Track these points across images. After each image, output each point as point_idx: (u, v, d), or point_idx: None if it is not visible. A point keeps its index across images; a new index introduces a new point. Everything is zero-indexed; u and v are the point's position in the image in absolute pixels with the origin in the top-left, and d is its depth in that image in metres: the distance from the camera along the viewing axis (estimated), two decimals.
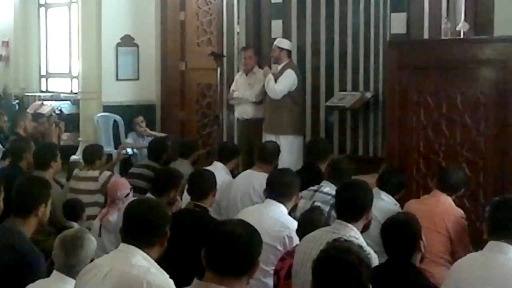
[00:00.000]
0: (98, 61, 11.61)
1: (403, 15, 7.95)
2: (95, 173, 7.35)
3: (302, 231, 4.80)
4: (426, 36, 7.86)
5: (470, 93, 6.55)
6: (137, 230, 3.64)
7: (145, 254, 3.60)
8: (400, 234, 4.29)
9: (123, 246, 3.65)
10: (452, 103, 6.66)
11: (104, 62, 11.59)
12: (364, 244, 4.10)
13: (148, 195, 5.96)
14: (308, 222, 4.90)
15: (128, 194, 6.20)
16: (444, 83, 6.73)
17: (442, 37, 7.67)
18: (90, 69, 11.76)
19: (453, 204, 5.68)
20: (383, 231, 4.39)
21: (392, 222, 4.43)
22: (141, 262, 3.56)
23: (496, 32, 7.00)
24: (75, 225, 6.00)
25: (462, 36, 7.16)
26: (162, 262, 3.69)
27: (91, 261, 3.87)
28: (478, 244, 4.53)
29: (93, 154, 7.61)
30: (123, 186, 6.28)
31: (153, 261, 3.61)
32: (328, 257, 3.05)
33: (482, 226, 4.42)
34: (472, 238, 5.54)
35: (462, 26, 7.18)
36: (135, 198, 5.77)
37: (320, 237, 4.29)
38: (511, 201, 4.32)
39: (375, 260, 4.19)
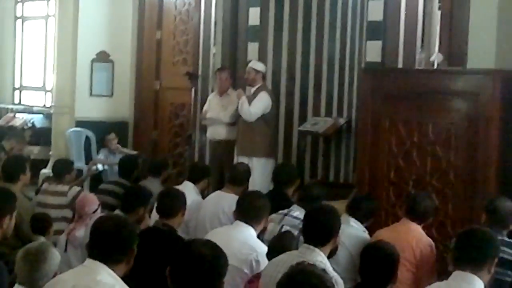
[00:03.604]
0: (73, 75, 11.59)
1: (378, 44, 8.01)
2: (64, 188, 7.31)
3: (272, 256, 4.79)
4: (400, 65, 7.93)
5: (442, 124, 6.61)
6: (103, 246, 3.60)
7: (110, 271, 3.56)
8: (381, 262, 4.32)
9: (88, 261, 3.61)
10: (423, 133, 6.71)
11: (78, 77, 11.56)
12: (330, 268, 4.11)
13: (117, 212, 5.93)
14: (279, 247, 4.89)
15: (96, 210, 6.17)
16: (416, 113, 6.78)
17: (416, 67, 7.74)
18: (64, 84, 11.73)
19: (423, 232, 5.70)
20: (363, 255, 4.41)
21: (375, 249, 4.46)
22: (107, 279, 3.52)
23: (469, 64, 7.05)
24: (42, 239, 5.94)
25: (435, 66, 7.22)
26: (127, 279, 3.66)
27: (55, 275, 3.84)
28: (445, 274, 4.54)
29: (63, 169, 7.57)
30: (91, 202, 6.25)
31: (118, 278, 3.58)
32: (291, 280, 3.05)
33: (449, 256, 4.44)
34: (439, 268, 5.56)
35: (436, 57, 7.25)
36: (103, 214, 5.73)
37: (286, 261, 4.28)
38: (477, 232, 4.34)
39: (340, 286, 4.19)
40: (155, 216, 5.88)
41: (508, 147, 6.44)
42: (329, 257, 4.52)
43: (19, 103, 14.19)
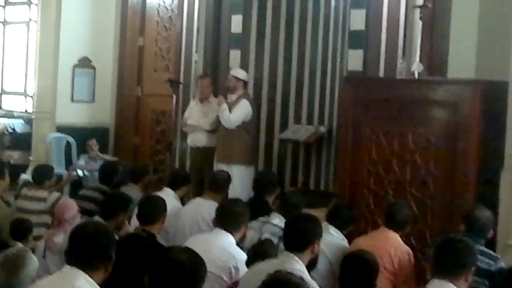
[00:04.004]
0: (54, 81, 11.54)
1: (360, 52, 8.05)
2: (44, 193, 7.28)
3: (252, 263, 4.79)
4: (381, 74, 7.97)
5: (422, 133, 6.63)
6: (81, 253, 3.60)
7: (88, 278, 3.56)
8: (361, 271, 4.34)
9: (66, 268, 3.61)
10: (403, 142, 6.74)
11: (60, 82, 11.52)
12: (307, 277, 4.12)
13: (97, 218, 5.91)
14: (258, 254, 4.90)
15: (75, 216, 6.15)
16: (396, 122, 6.81)
17: (397, 76, 7.78)
18: (45, 89, 11.69)
19: (401, 240, 5.72)
20: (343, 264, 4.43)
21: (355, 258, 4.48)
22: (85, 285, 3.52)
23: (449, 74, 7.10)
24: (20, 245, 5.91)
25: (416, 76, 7.26)
26: (106, 286, 3.66)
27: (33, 282, 3.83)
28: (423, 282, 4.56)
29: (42, 174, 7.55)
30: (70, 208, 6.23)
31: (96, 285, 3.58)
32: (269, 287, 3.06)
33: (427, 264, 4.46)
34: (417, 276, 5.58)
35: (417, 67, 7.28)
36: (82, 220, 5.72)
37: (266, 269, 4.27)
38: (455, 241, 4.36)
39: None
40: (135, 222, 5.88)
41: (487, 157, 6.48)
42: (310, 269, 4.52)
43: (0, 108, 14.12)
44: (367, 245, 5.34)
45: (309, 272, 4.51)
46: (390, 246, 5.56)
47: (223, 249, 5.12)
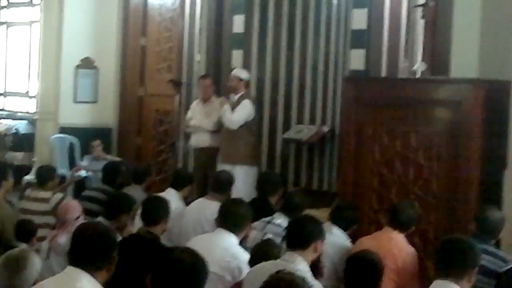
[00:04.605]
0: (57, 82, 11.55)
1: (362, 52, 8.05)
2: (47, 194, 7.29)
3: (254, 263, 4.80)
4: (383, 73, 7.97)
5: (424, 132, 6.62)
6: (84, 253, 3.61)
7: (91, 278, 3.56)
8: (366, 272, 4.35)
9: (69, 269, 3.61)
10: (406, 141, 6.73)
11: (63, 83, 11.52)
12: (310, 277, 4.11)
13: (100, 218, 5.91)
14: (261, 254, 4.89)
15: (78, 217, 6.14)
16: (399, 121, 6.80)
17: (399, 76, 7.77)
18: (48, 90, 11.69)
19: (405, 241, 5.70)
20: (349, 264, 4.43)
21: (360, 259, 4.48)
22: (87, 286, 3.53)
23: (452, 73, 7.08)
24: (24, 246, 5.91)
25: (418, 75, 7.25)
26: (108, 287, 3.66)
27: (36, 282, 3.83)
28: (426, 283, 4.55)
29: (45, 175, 7.55)
30: (73, 209, 6.22)
31: (99, 286, 3.58)
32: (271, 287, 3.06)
33: (430, 264, 4.46)
34: (421, 276, 5.57)
35: (419, 66, 7.27)
36: (86, 221, 5.72)
37: (268, 269, 4.27)
38: (459, 241, 4.36)
39: None
40: (138, 223, 5.88)
41: (490, 156, 6.47)
42: (313, 271, 4.53)
43: (3, 109, 14.13)
44: (370, 245, 5.33)
45: (314, 274, 4.52)
46: (394, 247, 5.54)
47: (226, 250, 5.12)
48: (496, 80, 6.62)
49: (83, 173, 10.60)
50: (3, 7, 14.12)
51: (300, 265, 4.35)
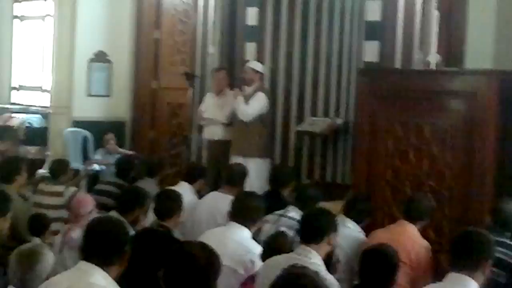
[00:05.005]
0: (70, 75, 11.56)
1: (376, 44, 8.02)
2: (61, 188, 7.29)
3: (267, 256, 4.79)
4: (398, 65, 7.93)
5: (439, 124, 6.59)
6: (96, 248, 3.59)
7: (104, 273, 3.55)
8: (382, 266, 4.34)
9: (82, 263, 3.60)
10: (420, 133, 6.69)
11: (76, 77, 11.53)
12: (324, 270, 4.10)
13: (113, 212, 5.91)
14: (274, 248, 4.89)
15: (91, 211, 6.14)
16: (413, 113, 6.76)
17: (414, 68, 7.73)
18: (62, 84, 11.70)
19: (419, 234, 5.67)
20: (364, 258, 4.42)
21: (375, 251, 4.47)
22: (100, 281, 3.51)
23: (467, 64, 7.05)
24: (37, 240, 5.92)
25: (433, 67, 7.21)
26: (121, 281, 3.65)
27: (48, 277, 3.83)
28: (440, 275, 4.53)
29: (59, 169, 7.56)
30: (86, 203, 6.23)
31: (112, 280, 3.57)
32: (284, 282, 3.04)
33: (444, 257, 4.43)
34: (435, 269, 5.55)
35: (434, 57, 7.23)
36: (99, 215, 5.71)
37: (281, 262, 4.27)
38: (473, 234, 4.33)
39: (334, 287, 4.19)
40: (151, 217, 5.87)
41: (505, 148, 6.43)
42: (327, 265, 4.52)
43: (17, 103, 14.16)
44: (384, 238, 5.30)
45: (327, 267, 4.51)
46: (408, 240, 5.52)
47: (239, 243, 5.10)
48: (511, 71, 6.57)
49: (96, 166, 10.63)
50: (16, 1, 14.14)
51: (314, 258, 4.34)
